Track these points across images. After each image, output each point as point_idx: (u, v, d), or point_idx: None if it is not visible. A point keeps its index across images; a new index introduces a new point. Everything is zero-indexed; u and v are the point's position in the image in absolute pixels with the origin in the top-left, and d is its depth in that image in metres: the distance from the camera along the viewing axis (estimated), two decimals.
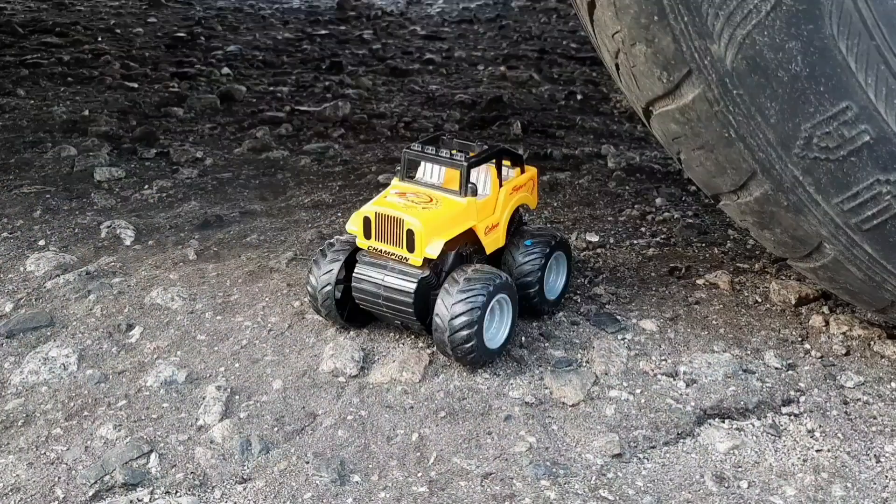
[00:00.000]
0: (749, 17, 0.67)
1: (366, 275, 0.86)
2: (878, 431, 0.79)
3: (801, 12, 0.66)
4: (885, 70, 0.67)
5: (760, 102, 0.70)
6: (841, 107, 0.69)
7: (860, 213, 0.73)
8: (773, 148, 0.72)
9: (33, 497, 0.70)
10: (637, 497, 0.71)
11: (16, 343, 0.91)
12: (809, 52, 0.67)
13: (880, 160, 0.70)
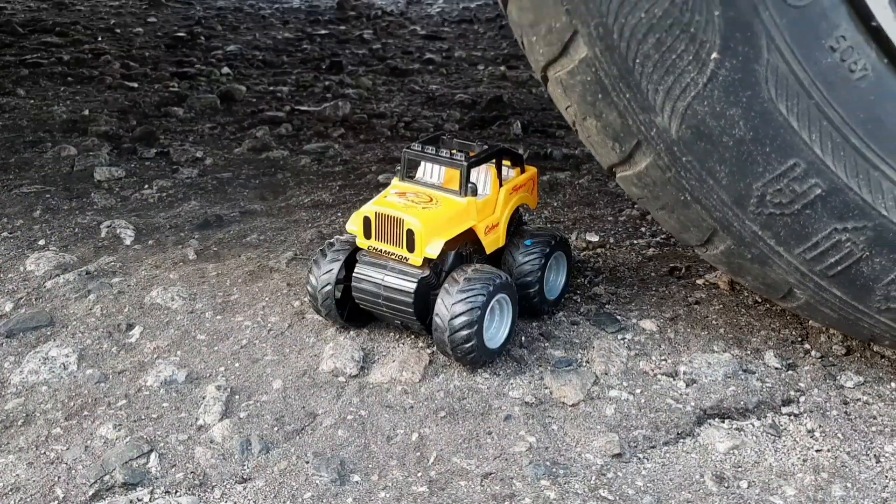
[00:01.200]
0: (687, 90, 0.69)
1: (366, 275, 0.86)
2: (878, 431, 0.79)
3: (738, 81, 0.68)
4: (827, 125, 0.69)
5: (710, 167, 0.72)
6: (789, 164, 0.71)
7: (823, 260, 0.75)
8: (729, 207, 0.74)
9: (33, 497, 0.70)
10: (637, 497, 0.71)
11: (16, 343, 0.91)
12: (751, 117, 0.69)
13: (835, 210, 0.72)
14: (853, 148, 0.70)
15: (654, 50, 0.68)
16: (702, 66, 0.68)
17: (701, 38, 0.67)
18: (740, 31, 0.66)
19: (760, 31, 0.66)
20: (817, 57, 0.67)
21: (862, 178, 0.71)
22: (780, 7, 0.65)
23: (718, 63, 0.67)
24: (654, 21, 0.67)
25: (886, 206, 0.71)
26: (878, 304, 0.77)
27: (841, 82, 0.68)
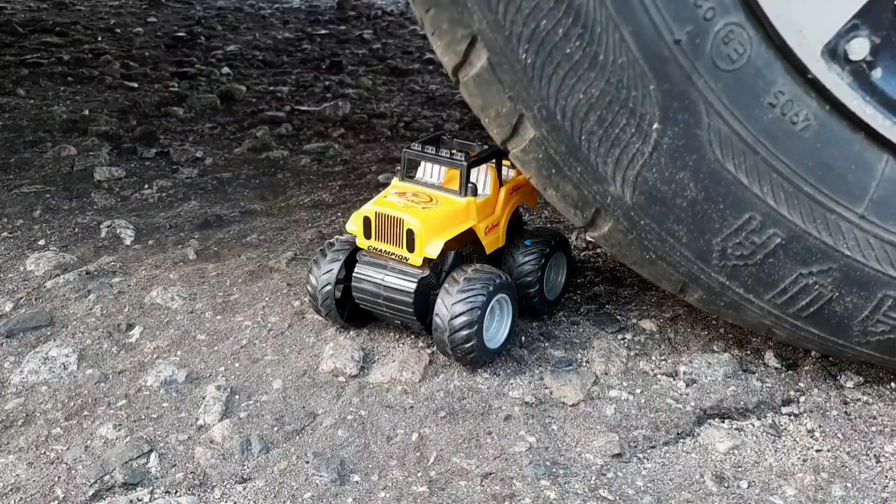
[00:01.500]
0: (635, 159, 0.71)
1: (366, 274, 0.86)
2: (878, 431, 0.79)
3: (682, 147, 0.70)
4: (777, 177, 0.71)
5: (668, 227, 0.74)
6: (745, 218, 0.72)
7: (795, 304, 0.77)
8: (693, 262, 0.76)
9: (33, 497, 0.70)
10: (637, 497, 0.71)
11: (16, 343, 0.91)
12: (700, 178, 0.71)
13: (798, 256, 0.74)
14: (806, 195, 0.72)
15: (598, 126, 0.70)
16: (645, 136, 0.70)
17: (640, 112, 0.69)
18: (677, 100, 0.68)
19: (697, 98, 0.68)
20: (758, 114, 0.69)
21: (820, 223, 0.72)
22: (713, 73, 0.67)
23: (660, 133, 0.69)
24: (594, 100, 0.69)
25: (849, 246, 0.73)
26: (857, 339, 0.78)
27: (785, 135, 0.70)
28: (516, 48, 0.68)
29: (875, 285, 0.74)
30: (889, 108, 0.70)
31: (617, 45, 0.66)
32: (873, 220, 0.72)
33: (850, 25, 0.67)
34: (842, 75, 0.68)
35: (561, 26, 0.66)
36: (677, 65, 0.67)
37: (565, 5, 0.66)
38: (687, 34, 0.66)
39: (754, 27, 0.67)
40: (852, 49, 0.68)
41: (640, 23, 0.66)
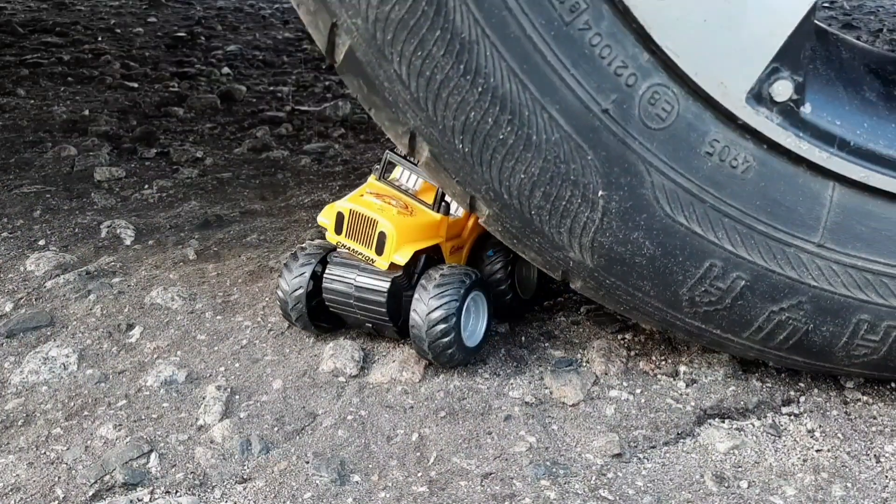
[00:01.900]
0: (587, 227, 0.73)
1: (337, 275, 0.86)
2: (878, 431, 0.79)
3: (630, 208, 0.71)
4: (729, 221, 0.72)
5: (634, 283, 0.76)
6: (706, 266, 0.73)
7: (774, 339, 0.77)
8: (666, 311, 0.78)
9: (33, 497, 0.70)
10: (637, 497, 0.71)
11: (16, 343, 0.91)
12: (654, 235, 0.73)
13: (766, 294, 0.75)
14: (761, 234, 0.72)
15: (544, 201, 0.72)
16: (592, 204, 0.72)
17: (583, 182, 0.71)
18: (617, 165, 0.70)
19: (636, 160, 0.69)
20: (697, 164, 0.70)
21: (780, 259, 0.73)
22: (646, 134, 0.69)
23: (607, 199, 0.71)
24: (535, 178, 0.71)
25: (813, 276, 0.74)
26: (843, 362, 0.79)
27: (728, 179, 0.71)
28: (452, 140, 0.70)
29: (848, 311, 0.75)
30: (824, 139, 0.71)
31: (547, 124, 0.68)
32: (831, 247, 0.73)
33: (770, 70, 0.68)
34: (771, 117, 0.69)
35: (490, 115, 0.68)
36: (610, 132, 0.68)
37: (490, 96, 0.67)
38: (613, 102, 0.68)
39: (677, 84, 0.68)
40: (776, 91, 0.69)
41: (566, 100, 0.67)
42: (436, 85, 0.68)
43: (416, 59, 0.67)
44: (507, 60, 0.67)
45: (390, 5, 0.66)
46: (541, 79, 0.67)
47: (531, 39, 0.66)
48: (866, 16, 3.01)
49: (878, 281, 0.74)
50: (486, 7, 0.65)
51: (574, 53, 0.66)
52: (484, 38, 0.66)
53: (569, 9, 0.65)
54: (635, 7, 0.65)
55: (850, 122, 0.72)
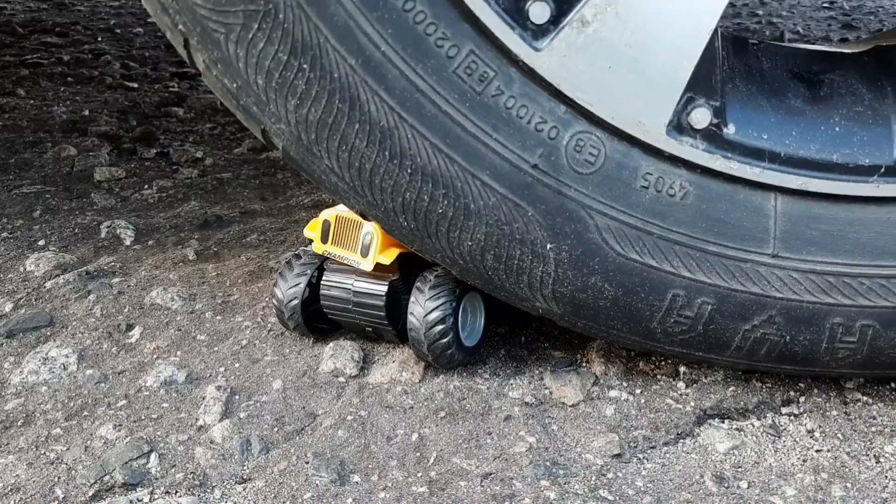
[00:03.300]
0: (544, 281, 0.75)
1: (334, 281, 0.85)
2: (878, 431, 0.79)
3: (582, 254, 0.73)
4: (681, 248, 0.73)
5: (606, 323, 0.77)
6: (669, 298, 0.74)
7: (756, 355, 0.78)
8: (645, 342, 0.79)
9: (33, 497, 0.70)
10: (637, 497, 0.71)
11: (16, 343, 0.91)
12: (611, 277, 0.74)
13: (735, 314, 0.75)
14: (714, 255, 0.73)
15: (497, 262, 0.74)
16: (544, 258, 0.73)
17: (530, 238, 0.72)
18: (558, 215, 0.71)
19: (575, 207, 0.71)
20: (636, 199, 0.71)
21: (740, 276, 0.73)
22: (579, 180, 0.70)
23: (556, 250, 0.73)
24: (483, 243, 0.73)
25: (776, 288, 0.74)
26: (830, 365, 0.78)
27: (669, 208, 0.71)
28: (397, 219, 0.73)
29: (819, 317, 0.75)
30: (753, 155, 0.71)
31: (481, 190, 0.70)
32: (786, 255, 0.73)
33: (685, 100, 0.69)
34: (696, 144, 0.70)
35: (424, 193, 0.71)
36: (544, 185, 0.70)
37: (420, 175, 0.70)
38: (540, 157, 0.69)
39: (599, 128, 0.69)
40: (695, 120, 0.70)
41: (494, 163, 0.69)
42: (367, 174, 0.71)
43: (343, 153, 0.70)
44: (429, 139, 0.69)
45: (306, 108, 0.68)
46: (466, 149, 0.69)
47: (448, 115, 0.68)
48: (866, 16, 3.01)
49: (841, 282, 0.73)
50: (399, 94, 0.67)
51: (492, 119, 0.68)
52: (402, 123, 0.68)
53: (478, 79, 0.67)
54: (540, 68, 0.67)
55: (778, 133, 0.72)
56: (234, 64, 0.68)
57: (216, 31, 0.68)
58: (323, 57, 0.67)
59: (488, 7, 0.66)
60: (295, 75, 0.67)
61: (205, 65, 0.71)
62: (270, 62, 0.67)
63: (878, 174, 0.71)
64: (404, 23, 0.66)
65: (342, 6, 0.65)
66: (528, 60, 0.67)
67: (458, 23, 0.66)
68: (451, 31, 0.66)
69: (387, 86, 0.67)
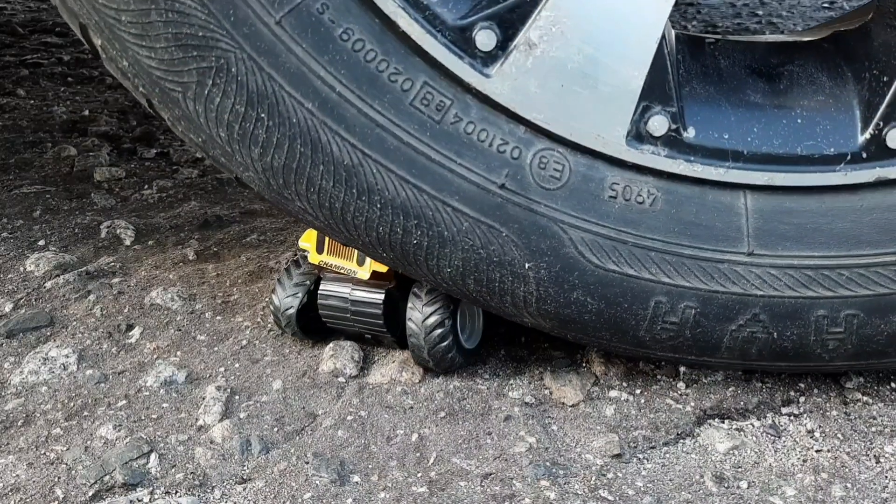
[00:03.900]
0: (528, 300, 0.75)
1: (332, 290, 0.85)
2: (878, 431, 0.79)
3: (561, 270, 0.73)
4: (656, 255, 0.73)
5: (594, 335, 0.77)
6: (652, 305, 0.74)
7: (748, 354, 0.77)
8: (636, 349, 0.79)
9: (33, 497, 0.70)
10: (637, 497, 0.71)
11: (16, 343, 0.91)
12: (592, 290, 0.74)
13: (720, 316, 0.75)
14: (690, 258, 0.73)
15: (479, 286, 0.75)
16: (524, 279, 0.74)
17: (507, 259, 0.73)
18: (532, 233, 0.72)
19: (548, 223, 0.72)
20: (606, 209, 0.72)
21: (719, 277, 0.73)
22: (548, 196, 0.71)
23: (535, 268, 0.73)
24: (462, 269, 0.74)
25: (757, 286, 0.74)
26: (824, 357, 0.78)
27: (640, 216, 0.72)
28: (376, 251, 0.75)
29: (803, 311, 0.74)
30: (716, 156, 0.71)
31: (453, 216, 0.71)
32: (761, 252, 0.73)
33: (641, 109, 0.70)
34: (657, 151, 0.71)
35: (397, 226, 0.72)
36: (514, 204, 0.71)
37: (390, 208, 0.71)
38: (507, 176, 0.70)
39: (560, 144, 0.70)
40: (653, 128, 0.70)
41: (462, 188, 0.70)
42: (338, 213, 0.72)
43: (312, 195, 0.71)
44: (394, 171, 0.70)
45: (270, 156, 0.70)
46: (432, 177, 0.70)
47: (411, 145, 0.69)
48: None
49: (820, 275, 0.73)
50: (359, 131, 0.68)
51: (454, 145, 0.69)
52: (366, 159, 0.69)
53: (435, 109, 0.69)
54: (493, 93, 0.68)
55: (739, 131, 0.72)
56: (195, 120, 0.70)
57: (174, 91, 0.69)
58: (280, 104, 0.68)
59: (435, 41, 0.67)
60: (254, 125, 0.69)
61: (170, 122, 0.73)
62: (229, 115, 0.69)
63: (845, 162, 0.71)
64: (356, 62, 0.67)
65: (293, 53, 0.67)
66: (481, 87, 0.68)
67: (408, 57, 0.68)
68: (403, 65, 0.68)
69: (346, 125, 0.69)
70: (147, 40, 0.68)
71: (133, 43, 0.68)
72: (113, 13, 0.68)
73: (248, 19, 0.66)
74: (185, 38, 0.67)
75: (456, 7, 0.68)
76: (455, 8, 0.68)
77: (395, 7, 0.66)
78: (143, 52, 0.68)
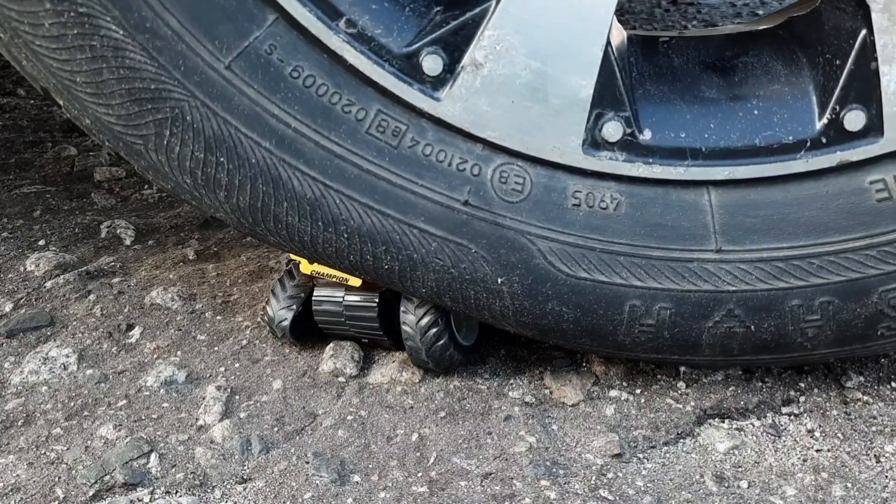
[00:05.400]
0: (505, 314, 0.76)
1: (325, 295, 0.85)
2: (878, 431, 0.79)
3: (533, 281, 0.73)
4: (625, 259, 0.73)
5: (576, 341, 0.78)
6: (627, 310, 0.75)
7: (730, 351, 0.77)
8: (620, 353, 0.79)
9: (33, 497, 0.70)
10: (637, 497, 0.71)
11: (16, 343, 0.91)
12: (566, 299, 0.74)
13: (695, 315, 0.75)
14: (660, 259, 0.73)
15: (456, 304, 0.76)
16: (498, 294, 0.74)
17: (480, 276, 0.74)
18: (501, 247, 0.72)
19: (515, 235, 0.72)
20: (571, 218, 0.72)
21: (690, 277, 0.73)
22: (512, 209, 0.72)
23: (507, 283, 0.74)
24: (437, 288, 0.75)
25: (728, 282, 0.74)
26: (806, 346, 0.77)
27: (605, 222, 0.72)
28: (356, 273, 0.77)
29: (778, 302, 0.74)
30: (674, 156, 0.71)
31: (421, 238, 0.72)
32: (730, 248, 0.73)
33: (594, 117, 0.70)
34: (615, 156, 0.71)
35: (367, 253, 0.73)
36: (480, 220, 0.72)
37: (357, 236, 0.72)
38: (469, 193, 0.71)
39: (518, 159, 0.71)
40: (608, 134, 0.70)
41: (427, 209, 0.72)
42: (309, 245, 0.73)
43: (281, 230, 0.72)
44: (357, 199, 0.71)
45: (235, 198, 0.71)
46: (396, 201, 0.71)
47: (371, 172, 0.70)
48: None
49: (791, 266, 0.73)
50: (318, 164, 0.70)
51: (414, 167, 0.70)
52: (328, 191, 0.70)
53: (392, 134, 0.70)
54: (445, 115, 0.69)
55: (696, 128, 0.72)
56: (161, 169, 0.72)
57: (136, 144, 0.71)
58: (238, 147, 0.69)
59: (384, 70, 0.68)
60: (216, 170, 0.70)
61: (140, 171, 0.75)
62: (190, 162, 0.70)
63: (806, 149, 0.71)
64: (309, 97, 0.68)
65: (245, 95, 0.68)
66: (433, 111, 0.69)
67: (360, 88, 0.69)
68: (355, 96, 0.69)
69: (305, 159, 0.70)
70: (103, 98, 0.69)
71: (91, 102, 0.70)
72: (68, 75, 0.69)
73: (197, 67, 0.67)
74: (138, 93, 0.68)
75: (401, 35, 0.69)
76: (400, 36, 0.69)
77: (341, 42, 0.67)
78: (101, 110, 0.70)
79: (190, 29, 0.66)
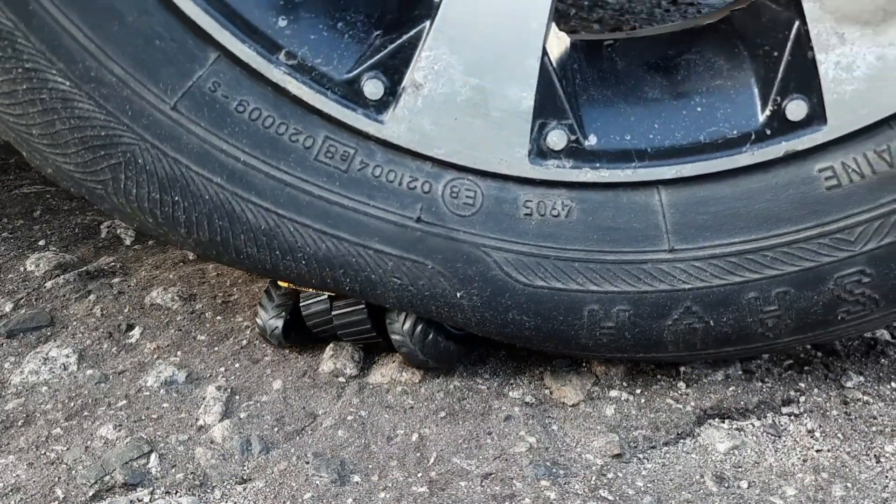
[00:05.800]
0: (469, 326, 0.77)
1: (314, 300, 0.83)
2: (878, 431, 0.79)
3: (492, 293, 0.74)
4: (580, 265, 0.74)
5: (545, 345, 0.79)
6: (586, 314, 0.76)
7: (694, 346, 0.78)
8: (588, 353, 0.80)
9: (33, 497, 0.70)
10: (637, 497, 0.71)
11: (16, 343, 0.91)
12: (526, 308, 0.75)
13: (654, 314, 0.76)
14: (614, 263, 0.74)
15: (423, 315, 0.77)
16: (460, 307, 0.75)
17: (439, 291, 0.74)
18: (458, 261, 0.73)
19: (470, 248, 0.73)
20: (524, 228, 0.73)
21: (645, 278, 0.74)
22: (465, 222, 0.72)
23: (467, 296, 0.74)
24: (400, 305, 0.76)
25: (684, 280, 0.74)
26: (768, 335, 0.77)
27: (557, 229, 0.73)
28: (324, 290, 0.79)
29: (735, 296, 0.74)
30: (621, 159, 0.72)
31: (376, 258, 0.73)
32: (683, 247, 0.73)
33: (537, 127, 0.71)
34: (562, 164, 0.72)
35: (328, 277, 0.75)
36: (434, 236, 0.73)
37: (315, 262, 0.74)
38: (421, 210, 0.72)
39: (468, 173, 0.72)
40: (553, 142, 0.71)
41: (381, 229, 0.72)
42: (273, 272, 0.75)
43: (245, 260, 0.75)
44: (311, 226, 0.73)
45: (195, 234, 0.74)
46: (349, 224, 0.72)
47: (323, 198, 0.72)
48: None
49: (744, 260, 0.73)
50: (270, 194, 0.71)
51: (366, 189, 0.72)
52: (282, 220, 0.72)
53: (340, 159, 0.71)
54: (391, 137, 0.70)
55: (640, 130, 0.73)
56: (124, 211, 0.74)
57: (96, 189, 0.73)
58: (190, 185, 0.71)
59: (326, 98, 0.69)
60: (173, 208, 0.72)
61: (108, 213, 0.77)
62: (148, 203, 0.72)
63: (751, 142, 0.71)
64: (256, 130, 0.70)
65: (193, 134, 0.69)
66: (378, 134, 0.70)
67: (305, 116, 0.70)
68: (302, 125, 0.70)
69: (256, 191, 0.71)
70: (59, 148, 0.71)
71: (49, 152, 0.72)
72: (24, 128, 0.71)
73: (144, 111, 0.69)
74: (90, 140, 0.70)
75: (341, 63, 0.70)
76: (341, 64, 0.70)
77: (283, 74, 0.68)
78: (60, 159, 0.72)
79: (134, 74, 0.68)
